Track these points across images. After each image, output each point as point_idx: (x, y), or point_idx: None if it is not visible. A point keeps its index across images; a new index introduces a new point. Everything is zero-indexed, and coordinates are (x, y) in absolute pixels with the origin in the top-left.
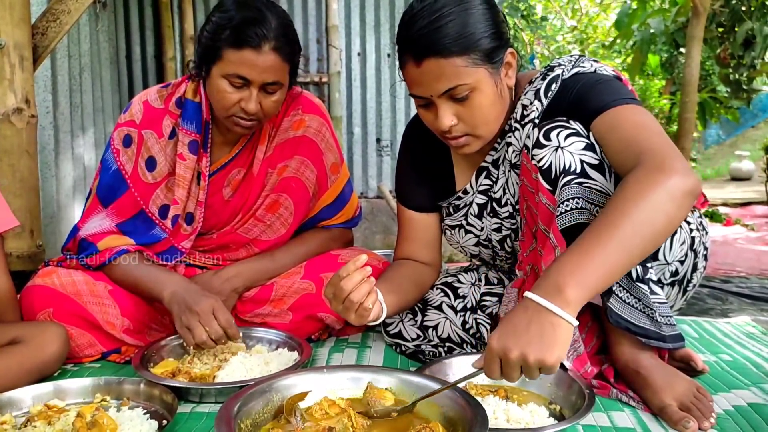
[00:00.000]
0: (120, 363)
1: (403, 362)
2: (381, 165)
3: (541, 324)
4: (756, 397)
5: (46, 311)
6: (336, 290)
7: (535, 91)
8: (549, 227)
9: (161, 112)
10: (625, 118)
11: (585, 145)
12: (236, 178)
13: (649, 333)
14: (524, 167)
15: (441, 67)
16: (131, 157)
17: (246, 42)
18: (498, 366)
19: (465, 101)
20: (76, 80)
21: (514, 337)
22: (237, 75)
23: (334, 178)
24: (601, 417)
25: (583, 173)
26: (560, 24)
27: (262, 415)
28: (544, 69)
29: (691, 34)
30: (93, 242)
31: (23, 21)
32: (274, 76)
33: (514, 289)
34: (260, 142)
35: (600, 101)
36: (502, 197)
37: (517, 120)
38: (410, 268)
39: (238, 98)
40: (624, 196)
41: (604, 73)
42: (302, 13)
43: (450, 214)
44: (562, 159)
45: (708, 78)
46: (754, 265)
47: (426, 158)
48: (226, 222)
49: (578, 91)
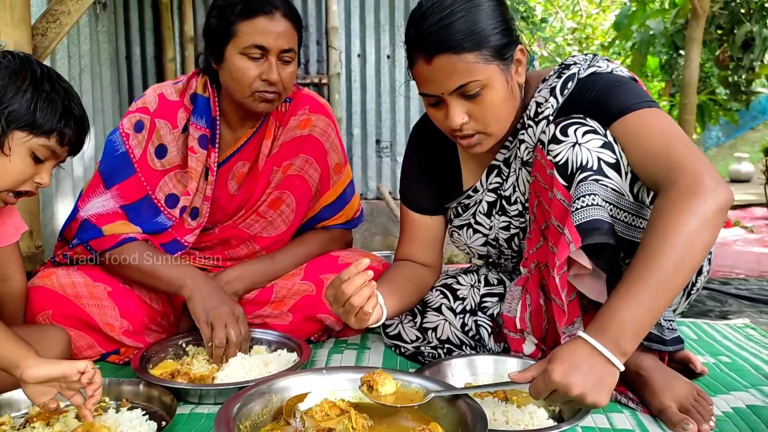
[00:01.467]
0: (119, 364)
1: (402, 363)
2: (381, 166)
3: (602, 372)
4: (755, 399)
5: (46, 313)
6: (337, 293)
7: (550, 88)
8: (563, 223)
9: (176, 105)
10: (649, 123)
11: (603, 143)
12: (241, 171)
13: (651, 336)
14: (538, 163)
15: (452, 63)
16: (141, 142)
17: (258, 10)
18: (548, 393)
19: (476, 98)
20: (76, 81)
21: (580, 377)
22: (254, 45)
23: (337, 178)
24: (600, 419)
25: (599, 171)
26: (560, 26)
27: (262, 416)
28: (559, 67)
29: (690, 36)
30: (97, 225)
31: (23, 22)
32: (288, 42)
33: (517, 287)
34: (266, 137)
35: (621, 103)
36: (512, 195)
37: (531, 117)
38: (411, 270)
39: (258, 72)
40: (663, 232)
41: (621, 74)
42: (302, 14)
43: (458, 215)
44: (580, 155)
45: (707, 80)
46: (754, 267)
47: (433, 160)
48: (230, 216)
49: (597, 91)
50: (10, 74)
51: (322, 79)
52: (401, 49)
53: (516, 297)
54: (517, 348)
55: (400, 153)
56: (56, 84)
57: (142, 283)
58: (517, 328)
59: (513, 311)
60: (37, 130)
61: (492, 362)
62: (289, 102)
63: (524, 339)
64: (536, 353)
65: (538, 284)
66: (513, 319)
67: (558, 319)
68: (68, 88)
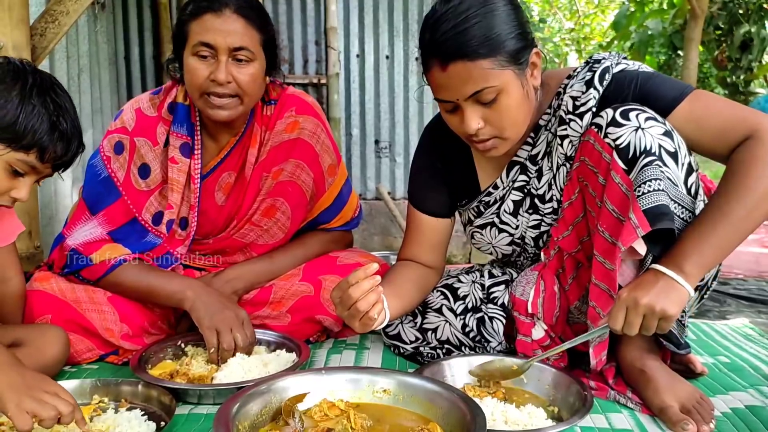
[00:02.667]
0: (118, 364)
1: (401, 363)
2: (380, 166)
3: (666, 284)
4: (754, 400)
5: (45, 317)
6: (343, 296)
7: (585, 81)
8: (619, 208)
9: (155, 120)
10: (708, 102)
11: (664, 131)
12: (227, 181)
13: (672, 336)
14: (588, 146)
15: (468, 70)
16: (123, 164)
17: (206, 8)
18: (623, 315)
19: (492, 104)
20: (75, 81)
21: (644, 290)
22: (201, 42)
23: (331, 180)
24: (599, 419)
25: (660, 158)
26: (558, 26)
27: (261, 416)
28: (586, 62)
29: (688, 37)
30: (85, 254)
31: (22, 22)
32: (240, 40)
33: (533, 272)
34: (251, 144)
35: (675, 89)
36: (547, 193)
37: (570, 111)
38: (414, 271)
39: (208, 72)
40: (742, 179)
41: (647, 70)
42: (301, 14)
43: (480, 214)
44: (643, 139)
45: (705, 80)
46: (752, 267)
47: (446, 162)
48: (221, 228)
49: (643, 84)
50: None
51: (321, 79)
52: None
53: (531, 281)
54: (526, 332)
55: (399, 153)
56: (47, 97)
57: (142, 302)
58: (529, 312)
59: (526, 295)
60: (15, 144)
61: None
62: (274, 104)
63: (534, 323)
64: (544, 339)
65: (555, 272)
66: (525, 302)
67: (603, 305)
68: (61, 103)
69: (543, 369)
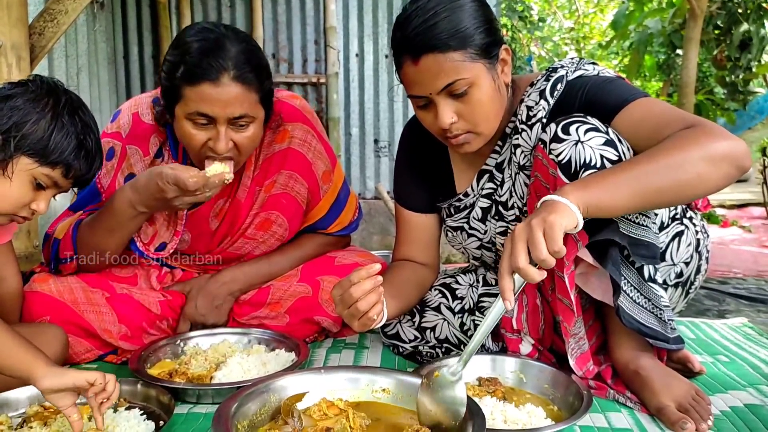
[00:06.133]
0: (117, 364)
1: (400, 363)
2: (379, 166)
3: (545, 206)
4: (753, 398)
5: (43, 319)
6: (344, 294)
7: (539, 91)
8: None
9: (150, 129)
10: (652, 108)
11: (605, 140)
12: (222, 207)
13: (657, 334)
14: (539, 162)
15: (439, 62)
16: (110, 170)
17: (202, 76)
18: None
19: (464, 97)
20: (74, 80)
21: (529, 216)
22: (198, 113)
23: (326, 187)
24: (598, 418)
25: (602, 169)
26: (558, 26)
27: (260, 416)
28: (546, 71)
29: (688, 36)
30: (50, 232)
31: (20, 21)
32: (240, 109)
33: None
34: (246, 168)
35: (619, 97)
36: (509, 200)
37: (523, 121)
38: (410, 271)
39: (206, 138)
40: (664, 148)
41: (608, 75)
42: (300, 14)
43: (450, 215)
44: (583, 153)
45: (705, 80)
46: (751, 267)
47: (424, 160)
48: (214, 246)
49: (589, 91)
50: (33, 99)
51: (320, 78)
52: None
53: None
54: (514, 348)
55: None
56: (76, 116)
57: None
58: (514, 329)
59: (510, 312)
60: (44, 160)
61: (490, 361)
62: None
63: (521, 339)
64: (533, 353)
65: (535, 285)
66: (510, 319)
67: (566, 319)
68: (88, 122)
69: (543, 368)
